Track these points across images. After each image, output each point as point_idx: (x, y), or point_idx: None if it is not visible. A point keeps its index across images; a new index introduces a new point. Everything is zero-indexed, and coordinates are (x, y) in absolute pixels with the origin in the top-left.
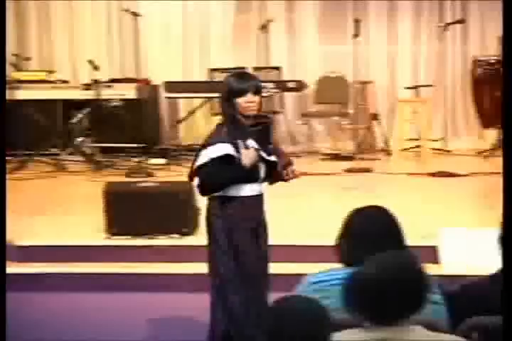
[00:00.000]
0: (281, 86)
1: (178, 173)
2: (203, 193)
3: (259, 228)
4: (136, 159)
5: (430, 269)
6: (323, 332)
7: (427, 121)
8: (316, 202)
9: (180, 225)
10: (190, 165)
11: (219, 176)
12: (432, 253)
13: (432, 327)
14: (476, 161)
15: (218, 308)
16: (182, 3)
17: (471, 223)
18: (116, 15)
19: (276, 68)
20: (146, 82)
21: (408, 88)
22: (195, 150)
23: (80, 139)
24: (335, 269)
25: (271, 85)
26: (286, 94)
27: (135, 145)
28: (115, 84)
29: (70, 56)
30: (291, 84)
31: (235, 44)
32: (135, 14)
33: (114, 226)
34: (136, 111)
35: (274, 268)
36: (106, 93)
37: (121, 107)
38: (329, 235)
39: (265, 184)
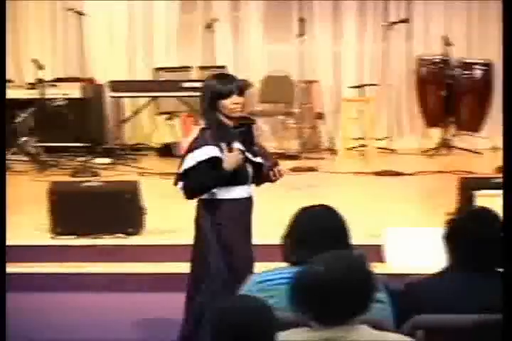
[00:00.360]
0: None
1: (123, 173)
2: (189, 196)
3: (247, 230)
4: (80, 159)
5: (375, 268)
6: (268, 331)
7: (371, 120)
8: (262, 202)
9: (125, 225)
10: (135, 165)
11: (206, 179)
12: (377, 252)
13: (377, 326)
14: (420, 160)
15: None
16: (127, 2)
17: (415, 222)
18: (61, 15)
19: (222, 67)
20: (91, 81)
21: (353, 87)
22: (140, 149)
23: (24, 139)
24: (280, 268)
25: None
26: None
27: (80, 144)
28: (59, 84)
29: (13, 55)
30: None
31: (179, 43)
32: (79, 13)
33: (59, 226)
34: (81, 111)
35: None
36: (50, 92)
37: (65, 107)
38: (275, 234)
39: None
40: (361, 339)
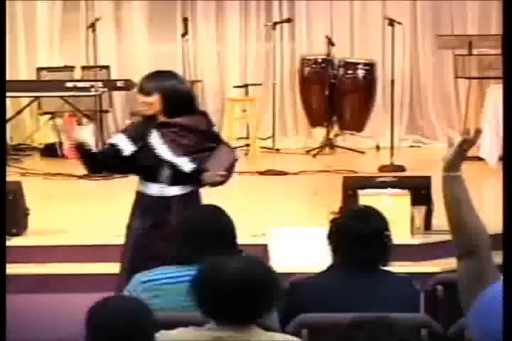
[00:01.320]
0: (110, 85)
1: (7, 173)
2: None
3: (155, 228)
4: None
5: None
6: (144, 332)
7: (255, 120)
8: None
9: (9, 226)
10: (18, 165)
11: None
12: (262, 252)
13: (264, 326)
14: (304, 160)
15: None
16: (8, 2)
17: (300, 221)
18: None
19: (105, 67)
20: None
21: (237, 87)
22: (23, 149)
23: None
24: (165, 268)
25: (99, 84)
26: (115, 93)
27: None
28: None
29: None
30: (119, 83)
31: (62, 43)
32: None
33: None
34: None
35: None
36: None
37: None
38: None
39: (178, 187)
40: (252, 339)
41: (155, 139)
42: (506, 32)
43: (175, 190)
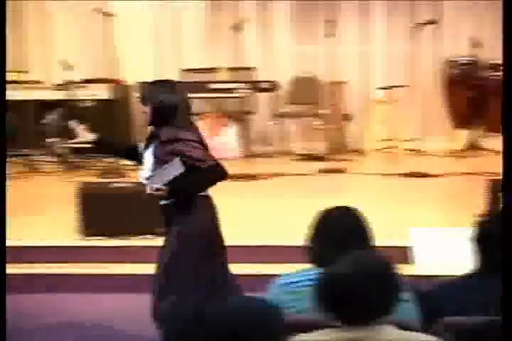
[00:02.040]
0: (255, 86)
1: None
2: None
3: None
4: (108, 159)
5: (402, 269)
6: (275, 333)
7: (399, 122)
8: (288, 203)
9: (153, 225)
10: None
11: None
12: (403, 254)
13: (403, 326)
14: (448, 161)
15: None
16: (155, 3)
17: (442, 223)
18: (89, 15)
19: (249, 69)
20: (119, 82)
21: (381, 88)
22: None
23: (51, 140)
24: (305, 270)
25: (244, 86)
26: (259, 94)
27: None
28: (88, 85)
29: (42, 56)
30: (264, 85)
31: (207, 44)
32: (107, 14)
33: (88, 227)
34: (109, 112)
35: (250, 268)
36: (78, 93)
37: (93, 107)
38: (300, 236)
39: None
40: (387, 339)
41: None
42: (506, 32)
43: None
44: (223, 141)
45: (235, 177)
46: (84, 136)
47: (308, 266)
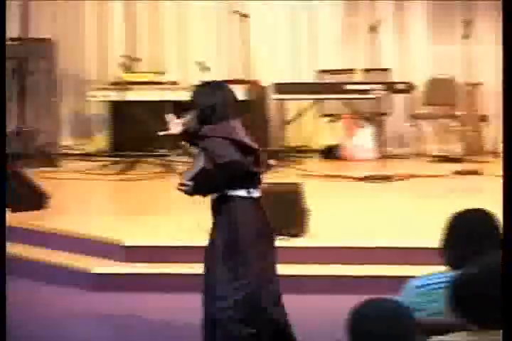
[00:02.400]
0: (390, 87)
1: (286, 174)
2: None
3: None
4: None
5: None
6: (407, 334)
7: None
8: (424, 204)
9: (288, 226)
10: (295, 166)
11: None
12: None
13: None
14: None
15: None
16: (290, 4)
17: None
18: (225, 17)
19: (386, 69)
20: (255, 83)
21: None
22: (303, 151)
23: None
24: (439, 272)
25: (379, 87)
26: (395, 95)
27: None
28: None
29: (179, 57)
30: (399, 86)
31: (343, 45)
32: (244, 15)
33: None
34: (245, 113)
35: (377, 269)
36: None
37: None
38: (436, 237)
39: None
40: None
41: None
42: (506, 32)
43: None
44: (359, 143)
45: (370, 178)
46: (175, 129)
47: (442, 268)
